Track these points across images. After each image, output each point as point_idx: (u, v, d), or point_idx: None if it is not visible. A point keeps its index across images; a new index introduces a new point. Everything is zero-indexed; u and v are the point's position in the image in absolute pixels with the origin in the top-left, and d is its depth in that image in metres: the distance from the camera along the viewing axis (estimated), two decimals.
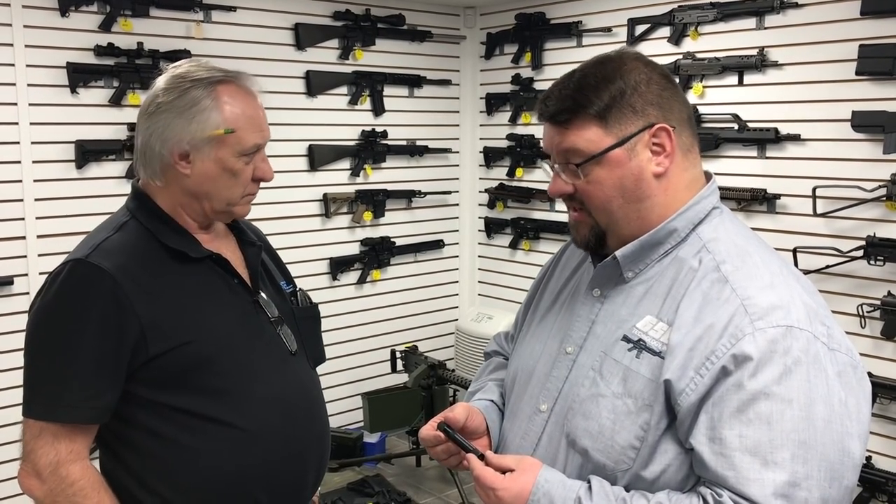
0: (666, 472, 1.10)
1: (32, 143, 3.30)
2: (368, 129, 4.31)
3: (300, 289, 1.70)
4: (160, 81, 1.46)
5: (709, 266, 1.14)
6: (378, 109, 4.34)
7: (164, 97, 1.43)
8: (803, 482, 1.01)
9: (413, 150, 4.49)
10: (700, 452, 1.05)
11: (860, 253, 3.05)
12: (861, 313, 3.08)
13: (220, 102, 1.43)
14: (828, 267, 3.14)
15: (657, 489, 1.10)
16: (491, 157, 4.65)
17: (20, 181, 3.29)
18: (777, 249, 1.22)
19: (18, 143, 3.27)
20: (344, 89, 4.23)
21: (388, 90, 4.37)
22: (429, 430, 1.29)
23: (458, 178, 4.78)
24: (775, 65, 3.36)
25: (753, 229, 1.27)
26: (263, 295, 1.56)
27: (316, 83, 4.10)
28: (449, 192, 4.71)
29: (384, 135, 4.35)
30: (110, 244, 1.41)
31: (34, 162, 3.31)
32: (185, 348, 1.41)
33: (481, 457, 1.21)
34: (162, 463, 1.43)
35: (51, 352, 1.37)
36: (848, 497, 1.07)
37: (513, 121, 4.50)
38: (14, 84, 3.25)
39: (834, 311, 1.16)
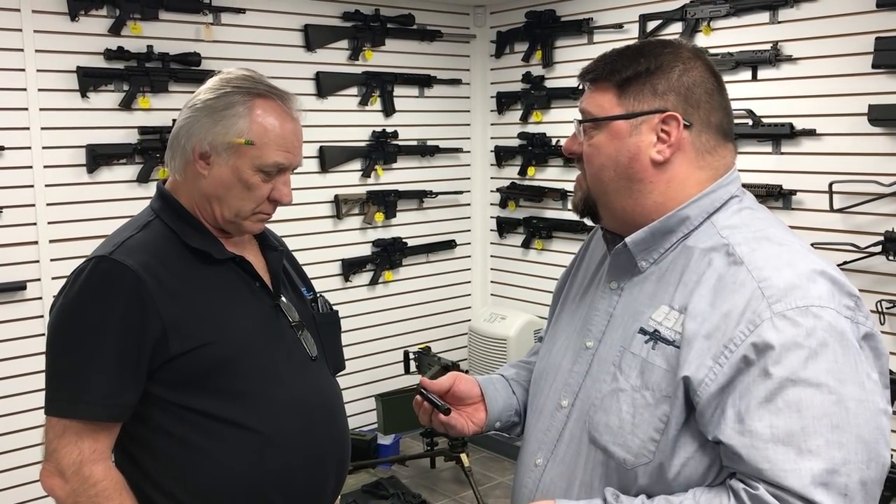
0: (687, 465, 1.07)
1: (44, 147, 3.31)
2: (379, 129, 4.30)
3: (321, 294, 1.69)
4: (209, 81, 1.48)
5: (723, 250, 1.10)
6: (388, 110, 4.33)
7: (204, 95, 1.45)
8: (842, 467, 0.98)
9: (424, 151, 4.47)
10: (732, 446, 1.01)
11: (878, 249, 3.01)
12: (880, 310, 3.04)
13: (252, 113, 1.43)
14: (845, 263, 3.10)
15: (679, 483, 1.07)
16: (502, 156, 4.63)
17: (32, 186, 3.29)
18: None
19: (30, 148, 3.28)
20: (354, 90, 4.22)
21: (398, 90, 4.36)
22: (416, 397, 1.39)
23: (469, 178, 4.76)
24: (790, 59, 3.32)
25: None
26: (284, 299, 1.55)
27: (326, 84, 4.09)
28: (460, 192, 4.69)
29: (395, 135, 4.33)
30: (134, 242, 1.41)
31: (45, 167, 3.32)
32: (205, 349, 1.40)
33: (447, 411, 1.35)
34: (177, 465, 1.42)
35: (73, 349, 1.36)
36: (884, 475, 1.03)
37: (524, 119, 4.47)
38: (25, 89, 3.25)
39: None
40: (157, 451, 1.43)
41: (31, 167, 3.28)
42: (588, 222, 1.32)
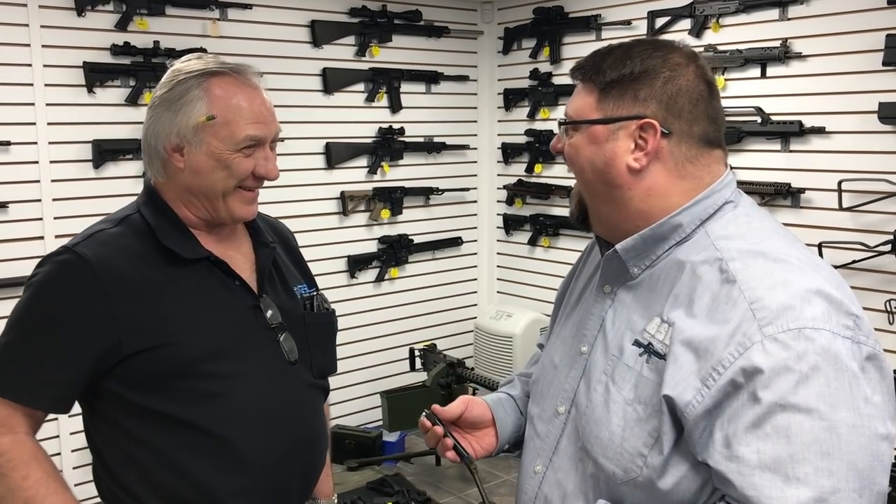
0: (680, 483, 1.05)
1: (50, 143, 3.31)
2: (385, 126, 4.28)
3: (319, 293, 1.64)
4: (164, 76, 1.46)
5: (716, 265, 1.06)
6: (395, 106, 4.31)
7: (160, 91, 1.43)
8: (831, 497, 0.93)
9: (430, 147, 4.46)
10: (720, 472, 0.98)
11: (888, 247, 2.98)
12: (889, 309, 3.02)
13: (210, 93, 1.39)
14: (854, 262, 3.07)
15: (673, 500, 1.05)
16: (509, 153, 4.61)
17: (38, 181, 3.29)
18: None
19: (36, 143, 3.28)
20: (361, 86, 4.21)
21: (404, 87, 4.34)
22: (422, 418, 1.35)
23: (476, 175, 4.75)
24: (799, 56, 3.30)
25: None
26: (268, 299, 1.51)
27: (332, 80, 4.08)
28: (467, 189, 4.67)
29: (401, 132, 4.32)
30: (104, 236, 1.42)
31: (52, 162, 3.32)
32: (164, 349, 1.37)
33: (471, 462, 1.32)
34: (137, 465, 1.41)
35: (14, 330, 1.37)
36: (881, 501, 1.00)
37: (531, 116, 4.46)
38: (31, 84, 3.25)
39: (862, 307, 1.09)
40: (121, 450, 1.42)
41: (37, 162, 3.29)
42: None
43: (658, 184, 1.12)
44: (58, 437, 3.37)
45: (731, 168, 1.19)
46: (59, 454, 3.37)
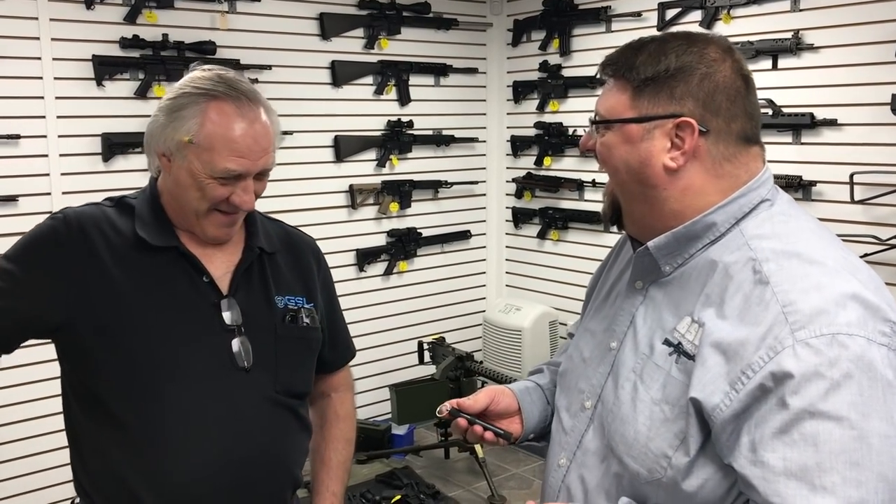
0: (705, 486, 1.03)
1: (59, 136, 3.32)
2: (394, 118, 4.28)
3: (305, 308, 1.56)
4: (179, 81, 1.47)
5: (749, 265, 1.04)
6: (404, 99, 4.30)
7: (167, 94, 1.45)
8: None
9: (439, 140, 4.45)
10: (745, 476, 0.97)
11: None
12: None
13: (204, 115, 1.38)
14: (866, 255, 3.05)
15: (698, 502, 1.04)
16: (518, 145, 4.60)
17: (48, 175, 3.30)
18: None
19: (45, 136, 3.29)
20: (369, 79, 4.20)
21: (413, 79, 4.33)
22: (446, 413, 1.32)
23: (485, 168, 4.74)
24: (811, 48, 3.27)
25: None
26: (233, 300, 1.46)
27: (341, 73, 4.07)
28: (476, 182, 4.66)
29: (410, 124, 4.31)
30: (97, 210, 1.48)
31: (61, 155, 3.33)
32: (105, 329, 1.39)
33: (508, 437, 1.31)
34: (81, 445, 1.47)
35: None
36: None
37: (541, 108, 4.44)
38: (41, 77, 3.25)
39: None
40: (73, 436, 1.48)
41: (46, 156, 3.29)
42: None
43: (695, 184, 1.10)
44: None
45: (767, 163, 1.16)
46: None
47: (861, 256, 3.23)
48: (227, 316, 1.45)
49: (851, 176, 3.07)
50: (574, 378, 1.27)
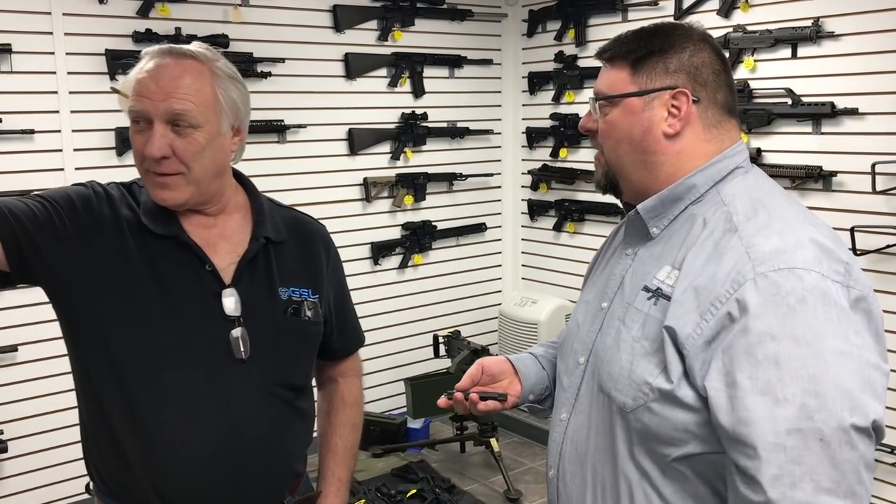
0: (687, 410, 1.11)
1: (73, 130, 3.32)
2: (408, 111, 4.25)
3: (309, 300, 1.55)
4: None
5: (721, 217, 1.18)
6: (418, 91, 4.28)
7: None
8: (816, 414, 1.02)
9: (454, 132, 4.42)
10: (716, 398, 1.08)
11: None
12: None
13: (136, 67, 1.42)
14: (888, 247, 3.00)
15: (680, 427, 1.12)
16: (534, 137, 4.56)
17: (62, 169, 3.31)
18: (833, 230, 1.20)
19: (59, 131, 3.29)
20: (383, 71, 4.18)
21: (428, 71, 4.31)
22: (442, 397, 1.43)
23: (500, 160, 4.70)
24: (831, 36, 3.21)
25: (808, 209, 1.25)
26: (234, 290, 1.46)
27: (355, 66, 4.05)
28: (491, 175, 4.63)
29: (424, 117, 4.29)
30: (112, 187, 1.51)
31: (75, 150, 3.33)
32: (102, 302, 1.39)
33: (504, 398, 1.40)
34: (86, 434, 1.50)
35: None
36: (873, 425, 1.04)
37: (556, 100, 4.40)
38: (54, 72, 3.26)
39: (894, 293, 1.09)
40: (81, 413, 1.50)
41: (60, 150, 3.30)
42: (614, 201, 1.37)
43: (687, 147, 1.24)
44: None
45: (760, 151, 1.24)
46: None
47: (883, 248, 3.18)
48: (227, 306, 1.45)
49: (873, 166, 3.01)
50: (570, 342, 1.38)
